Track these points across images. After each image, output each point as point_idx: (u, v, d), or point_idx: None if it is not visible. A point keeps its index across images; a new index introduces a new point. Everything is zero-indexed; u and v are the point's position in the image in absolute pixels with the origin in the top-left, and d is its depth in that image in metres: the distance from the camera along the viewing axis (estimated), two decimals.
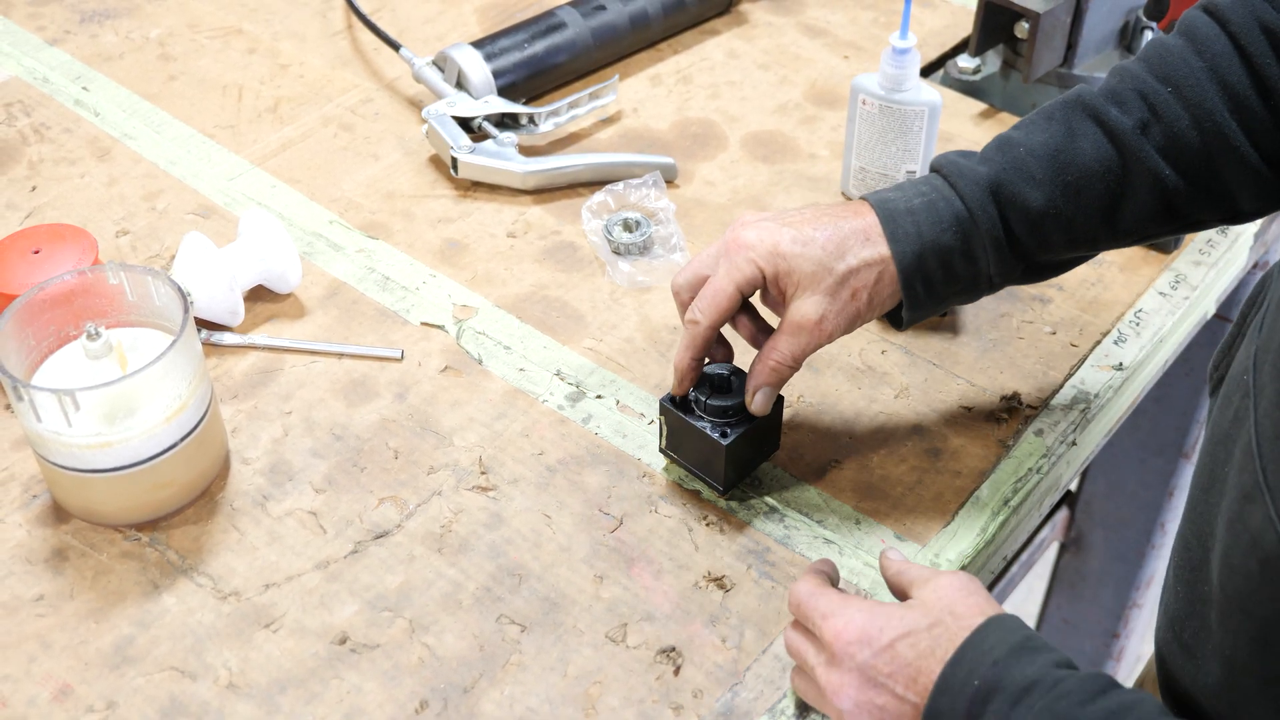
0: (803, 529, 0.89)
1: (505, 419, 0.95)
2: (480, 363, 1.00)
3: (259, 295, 1.04)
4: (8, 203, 1.12)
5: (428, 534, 0.88)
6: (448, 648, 0.82)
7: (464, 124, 1.16)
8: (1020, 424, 0.95)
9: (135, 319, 0.90)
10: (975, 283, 0.84)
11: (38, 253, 0.98)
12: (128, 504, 0.87)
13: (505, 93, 1.19)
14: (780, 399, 0.88)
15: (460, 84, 1.18)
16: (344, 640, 0.82)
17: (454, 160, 1.13)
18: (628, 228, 1.09)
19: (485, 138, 1.16)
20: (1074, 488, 1.74)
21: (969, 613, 0.71)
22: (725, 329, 0.90)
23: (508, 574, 0.86)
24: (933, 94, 1.05)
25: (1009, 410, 0.96)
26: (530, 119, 1.18)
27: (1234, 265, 1.10)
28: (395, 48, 1.24)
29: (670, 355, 1.00)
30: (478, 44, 1.20)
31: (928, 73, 1.27)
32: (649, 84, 1.27)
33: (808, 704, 0.79)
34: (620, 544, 0.88)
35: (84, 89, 1.24)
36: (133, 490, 0.86)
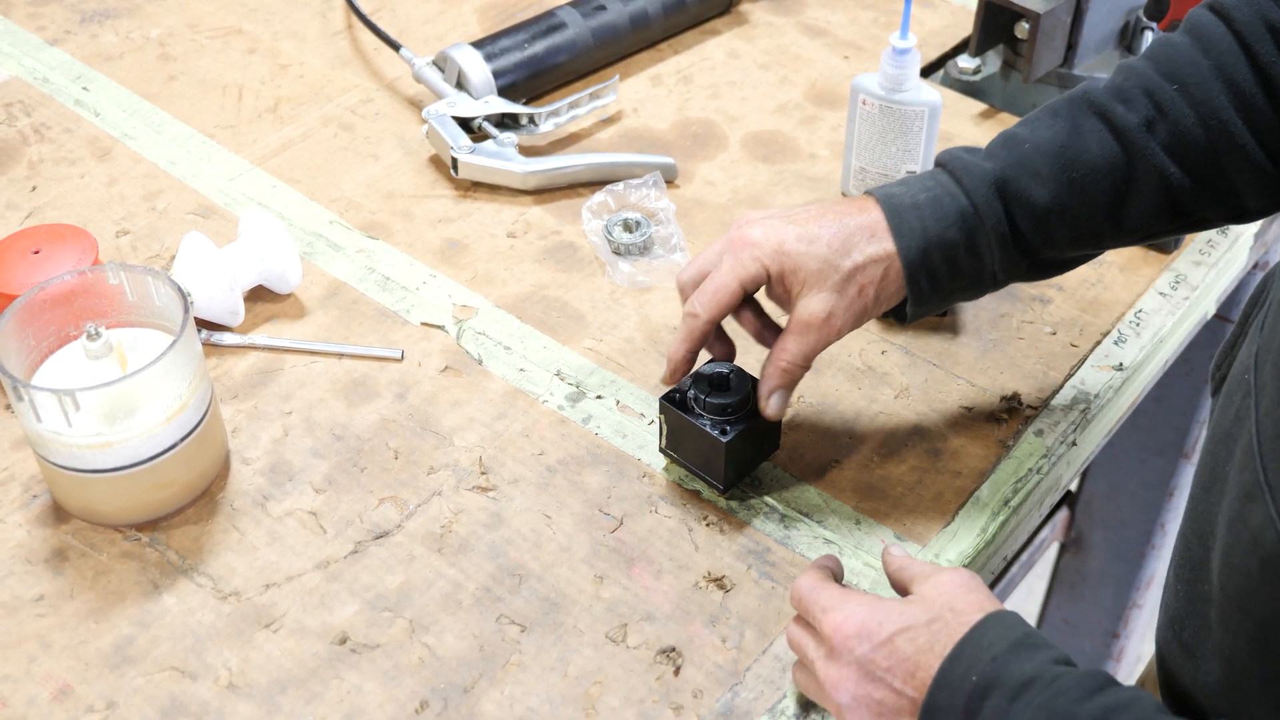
0: (803, 529, 0.89)
1: (505, 419, 0.95)
2: (480, 363, 1.00)
3: (259, 295, 1.04)
4: (8, 203, 1.12)
5: (428, 534, 0.88)
6: (448, 648, 0.82)
7: (464, 124, 1.16)
8: (1020, 424, 0.95)
9: (135, 319, 0.90)
10: (980, 279, 0.84)
11: (38, 253, 0.98)
12: (128, 504, 0.87)
13: (505, 93, 1.19)
14: None
15: (460, 84, 1.18)
16: (344, 640, 0.82)
17: (454, 160, 1.13)
18: (628, 228, 1.09)
19: (485, 138, 1.16)
20: (1074, 488, 1.74)
21: (969, 609, 0.71)
22: (731, 326, 0.90)
23: (508, 574, 0.86)
24: (933, 94, 1.05)
25: (1009, 410, 0.96)
26: (530, 119, 1.18)
27: (1234, 265, 1.10)
28: (395, 48, 1.24)
29: None
30: (478, 44, 1.20)
31: (928, 73, 1.27)
32: (649, 84, 1.27)
33: (808, 702, 0.79)
34: (620, 544, 0.88)
35: (84, 89, 1.24)
36: (133, 490, 0.86)
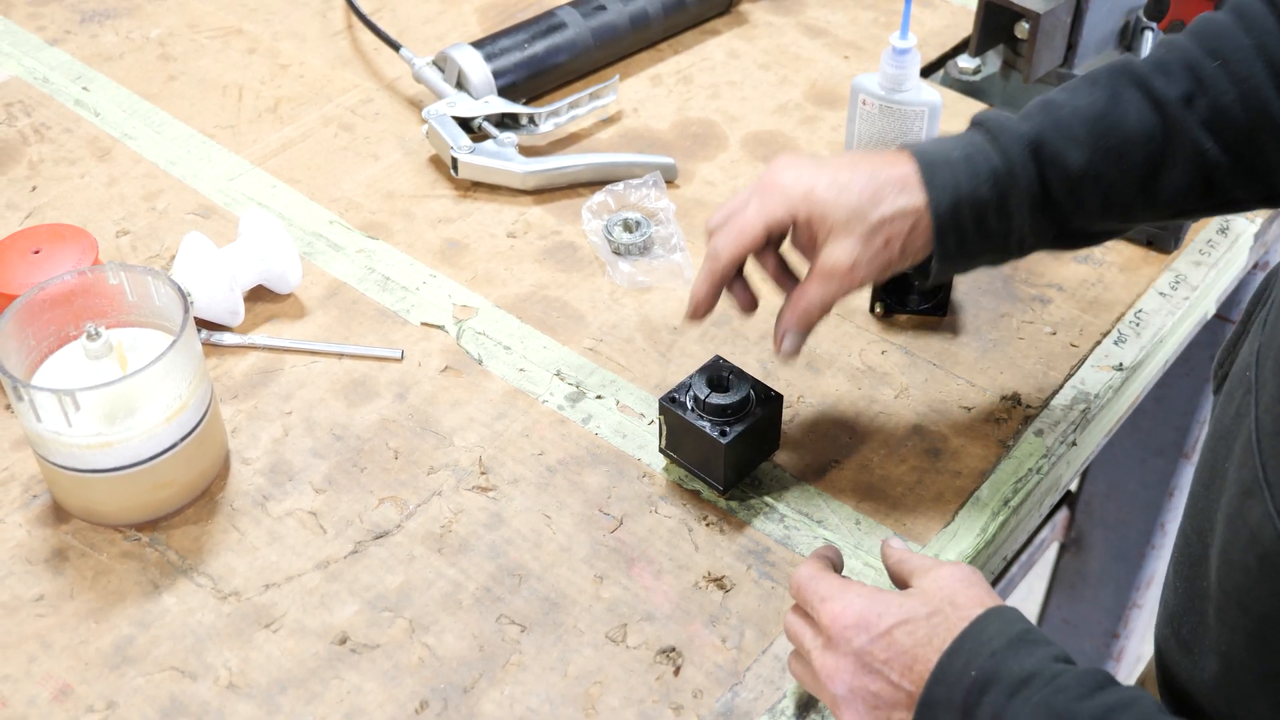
0: (803, 529, 0.89)
1: (505, 419, 0.95)
2: (480, 363, 1.00)
3: (259, 295, 1.04)
4: (8, 203, 1.12)
5: (428, 534, 0.88)
6: (448, 648, 0.82)
7: (464, 124, 1.16)
8: (1020, 424, 0.95)
9: (135, 319, 0.90)
10: (1007, 241, 0.83)
11: (38, 253, 0.98)
12: (128, 504, 0.87)
13: (505, 93, 1.19)
14: (780, 398, 0.88)
15: (460, 84, 1.18)
16: (344, 640, 0.82)
17: (454, 160, 1.13)
18: (628, 228, 1.09)
19: (485, 138, 1.16)
20: (1074, 488, 1.74)
21: (969, 603, 0.71)
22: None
23: (508, 574, 0.86)
24: (933, 94, 1.05)
25: (1009, 410, 0.96)
26: (530, 119, 1.18)
27: (1234, 265, 1.10)
28: (395, 48, 1.24)
29: (671, 355, 1.00)
30: (478, 44, 1.20)
31: (928, 73, 1.27)
32: (649, 84, 1.27)
33: (808, 702, 0.79)
34: (620, 544, 0.88)
35: (84, 89, 1.24)
36: (133, 490, 0.86)
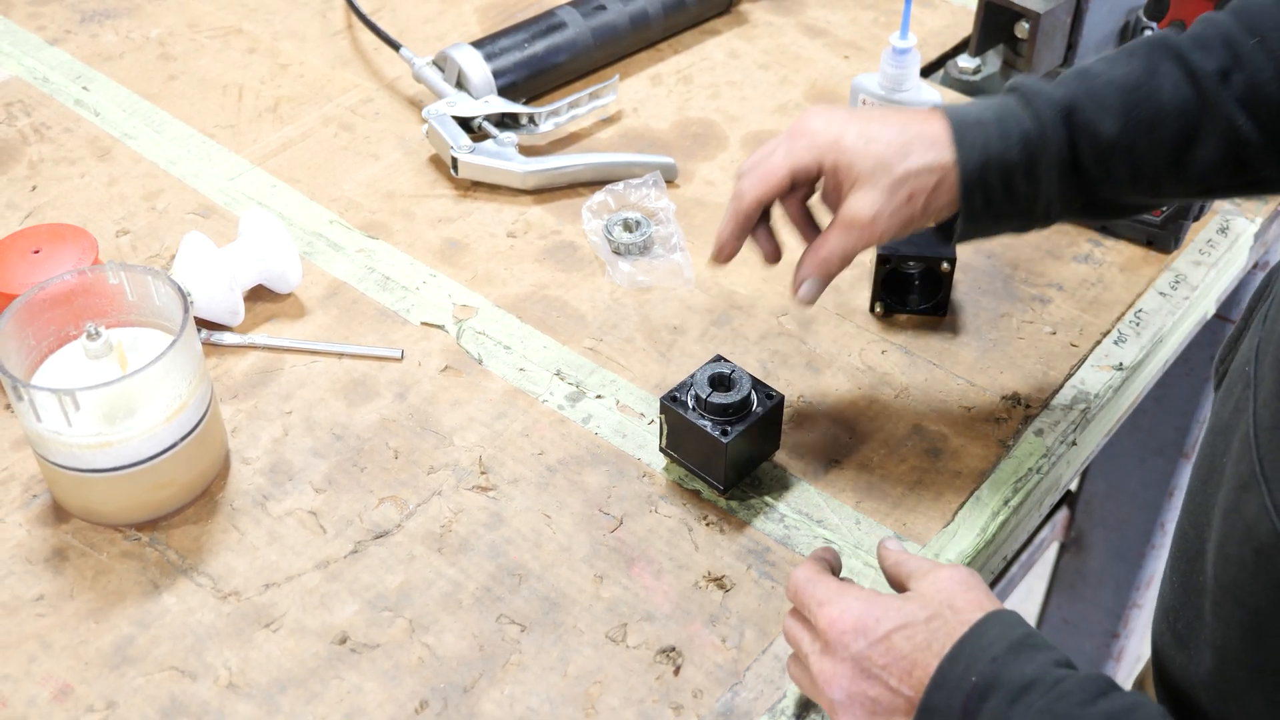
0: (803, 529, 0.89)
1: (505, 419, 0.95)
2: (480, 362, 1.00)
3: (259, 295, 1.04)
4: (8, 202, 1.12)
5: (428, 534, 0.88)
6: (448, 647, 0.82)
7: (464, 124, 1.16)
8: (1020, 424, 0.95)
9: (135, 319, 0.90)
10: (1033, 207, 0.83)
11: (38, 252, 0.98)
12: (128, 504, 0.87)
13: (505, 92, 1.19)
14: (780, 398, 0.88)
15: (460, 84, 1.18)
16: (344, 640, 0.82)
17: (454, 160, 1.13)
18: (628, 227, 1.09)
19: (485, 137, 1.16)
20: (1074, 488, 1.74)
21: (968, 607, 0.70)
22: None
23: (508, 574, 0.86)
24: (933, 94, 1.05)
25: (1009, 410, 0.96)
26: (530, 119, 1.18)
27: (1234, 265, 1.10)
28: (395, 47, 1.24)
29: (670, 355, 1.00)
30: (478, 44, 1.20)
31: (928, 73, 1.27)
32: (649, 84, 1.27)
33: (808, 702, 0.79)
34: (620, 544, 0.88)
35: (84, 89, 1.24)
36: (133, 490, 0.86)
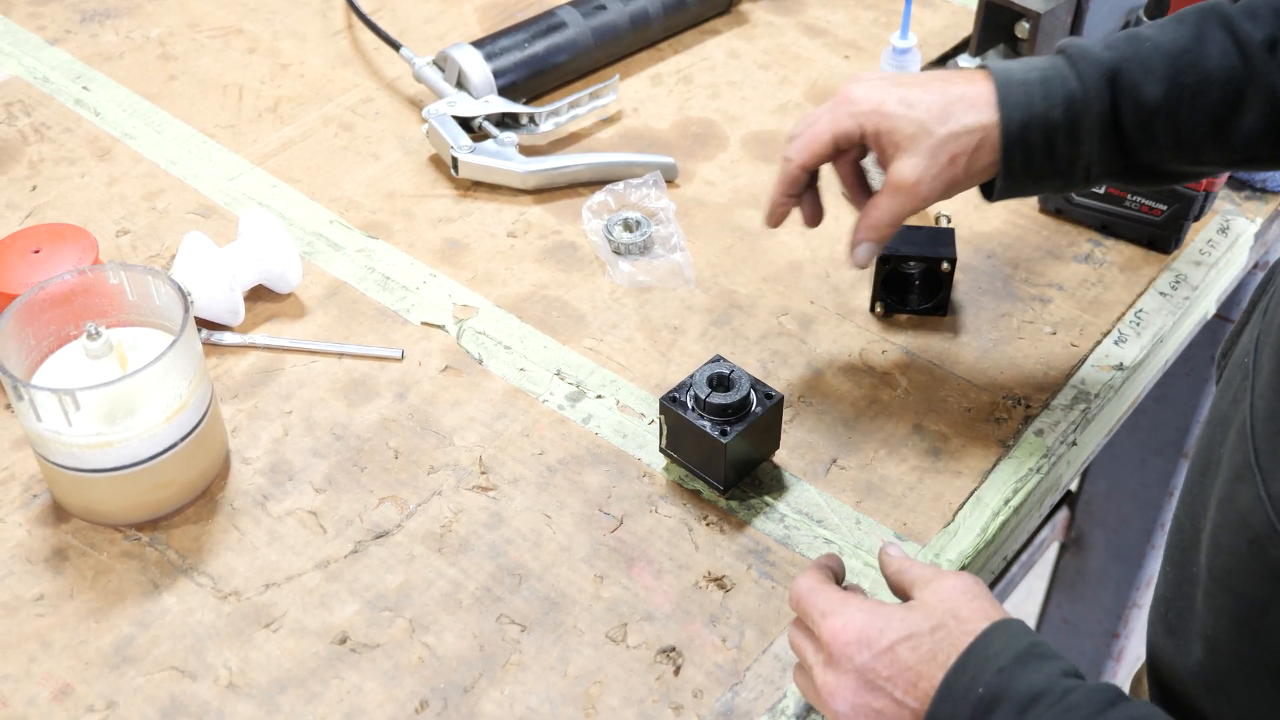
0: (803, 529, 0.89)
1: (505, 419, 0.95)
2: (480, 362, 1.00)
3: (259, 295, 1.04)
4: (8, 202, 1.12)
5: (428, 534, 0.88)
6: (448, 647, 0.82)
7: (464, 124, 1.16)
8: (1020, 424, 0.95)
9: (135, 319, 0.90)
10: (1073, 168, 0.84)
11: (38, 252, 0.98)
12: (128, 504, 0.87)
13: (506, 92, 1.19)
14: (780, 398, 0.88)
15: (460, 84, 1.18)
16: (344, 640, 0.82)
17: (454, 160, 1.13)
18: (628, 227, 1.09)
19: (485, 137, 1.16)
20: (1074, 488, 1.74)
21: (973, 617, 0.69)
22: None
23: (508, 574, 0.86)
24: None
25: (1009, 410, 0.96)
26: (530, 119, 1.18)
27: (1234, 265, 1.10)
28: (396, 47, 1.24)
29: (670, 355, 1.00)
30: (478, 44, 1.20)
31: None
32: (649, 84, 1.27)
33: (810, 703, 0.79)
34: (620, 544, 0.88)
35: (84, 89, 1.24)
36: (133, 490, 0.86)
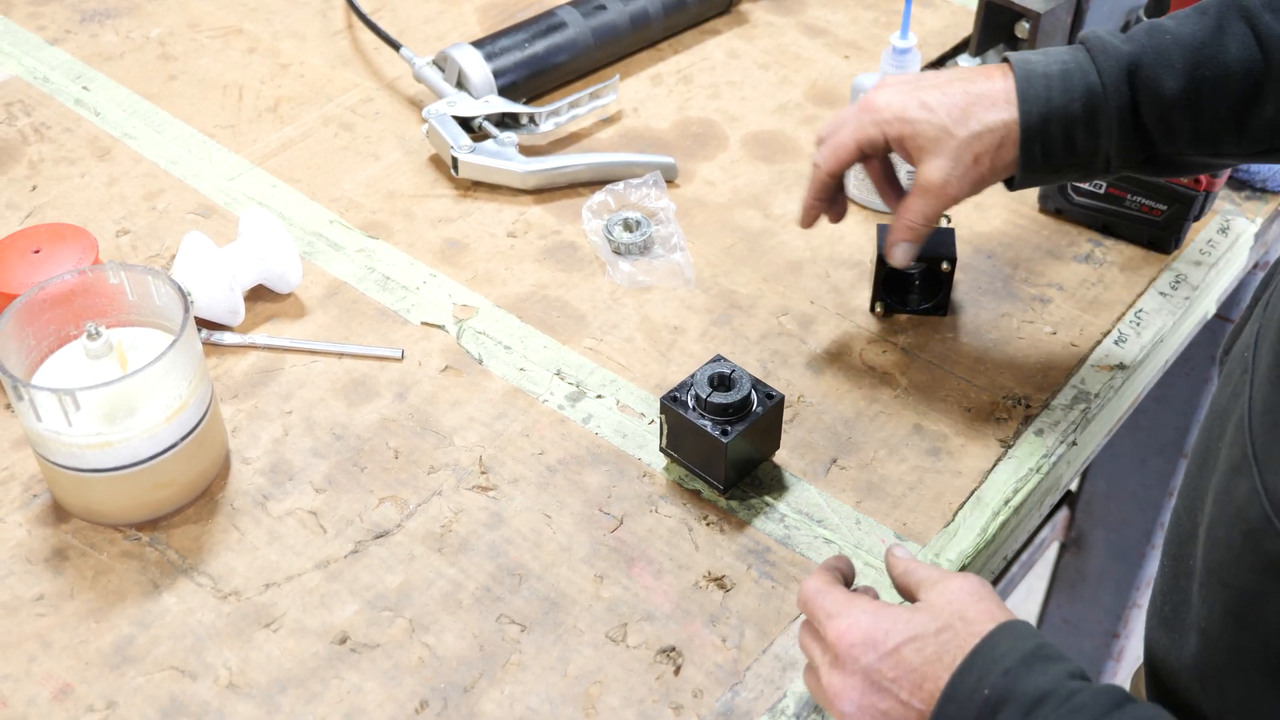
0: (803, 529, 0.89)
1: (505, 419, 0.95)
2: (480, 362, 1.00)
3: (259, 295, 1.04)
4: (8, 202, 1.12)
5: (428, 534, 0.88)
6: (448, 647, 0.82)
7: (464, 124, 1.16)
8: (1020, 424, 0.95)
9: (135, 319, 0.90)
10: (1093, 159, 0.86)
11: (38, 252, 0.98)
12: (128, 503, 0.87)
13: (506, 92, 1.19)
14: (780, 398, 0.89)
15: (460, 84, 1.18)
16: (344, 640, 0.82)
17: (454, 160, 1.13)
18: (628, 227, 1.09)
19: (485, 137, 1.16)
20: (1074, 488, 1.74)
21: (979, 618, 0.69)
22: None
23: (508, 574, 0.86)
24: None
25: (1009, 410, 0.96)
26: (531, 119, 1.18)
27: (1234, 265, 1.10)
28: (396, 47, 1.24)
29: (670, 355, 1.00)
30: (478, 44, 1.20)
31: None
32: (649, 84, 1.27)
33: (807, 700, 0.79)
34: (620, 544, 0.88)
35: (84, 89, 1.24)
36: (133, 490, 0.86)
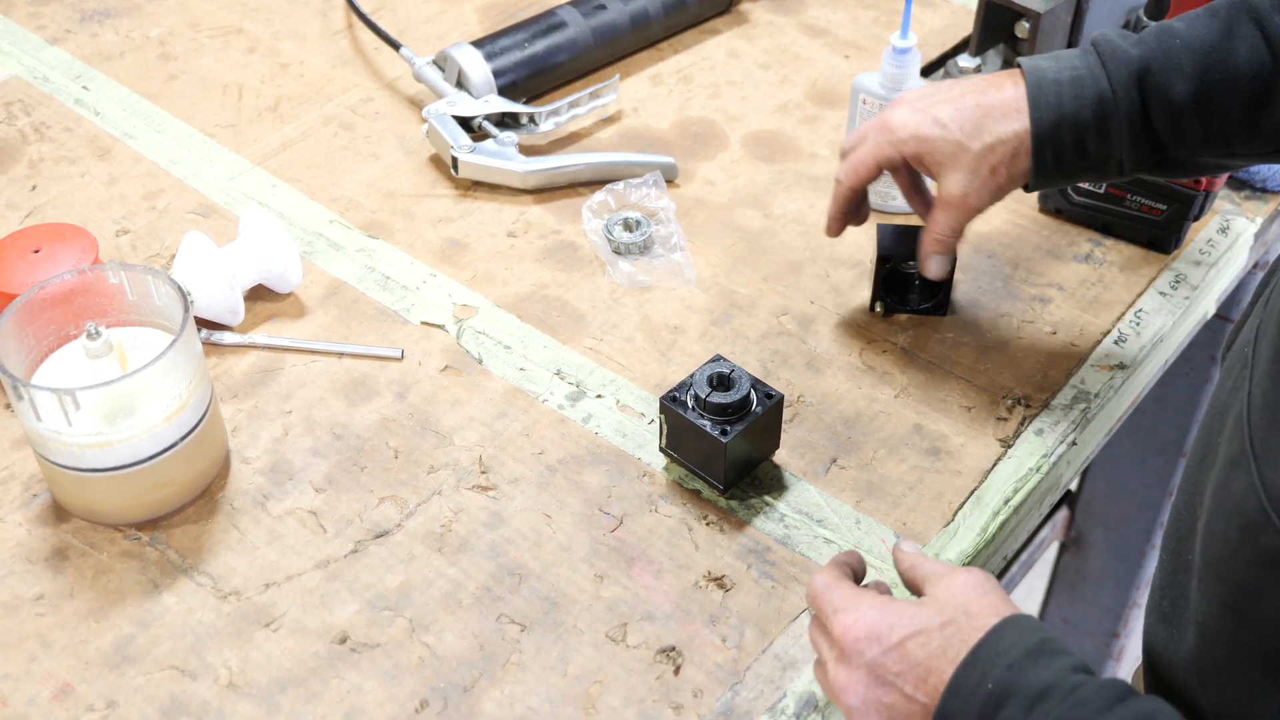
0: (803, 529, 0.89)
1: (505, 418, 0.95)
2: (480, 362, 1.00)
3: (259, 294, 1.04)
4: (8, 202, 1.12)
5: (428, 533, 0.88)
6: (448, 647, 0.82)
7: (464, 123, 1.16)
8: (1020, 424, 0.95)
9: (135, 318, 0.90)
10: (1105, 163, 0.87)
11: (38, 252, 0.98)
12: (128, 503, 0.87)
13: (506, 92, 1.19)
14: (780, 398, 0.88)
15: (460, 83, 1.18)
16: (344, 640, 0.82)
17: (454, 160, 1.13)
18: (628, 227, 1.09)
19: (485, 137, 1.16)
20: (1074, 488, 1.74)
21: (983, 612, 0.69)
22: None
23: (508, 573, 0.86)
24: None
25: (1009, 410, 0.96)
26: (530, 118, 1.18)
27: (1234, 265, 1.10)
28: (395, 47, 1.24)
29: (670, 355, 1.00)
30: (478, 43, 1.20)
31: (928, 72, 1.27)
32: (649, 83, 1.27)
33: (807, 700, 0.79)
34: (620, 543, 0.88)
35: (84, 88, 1.24)
36: (133, 490, 0.86)
